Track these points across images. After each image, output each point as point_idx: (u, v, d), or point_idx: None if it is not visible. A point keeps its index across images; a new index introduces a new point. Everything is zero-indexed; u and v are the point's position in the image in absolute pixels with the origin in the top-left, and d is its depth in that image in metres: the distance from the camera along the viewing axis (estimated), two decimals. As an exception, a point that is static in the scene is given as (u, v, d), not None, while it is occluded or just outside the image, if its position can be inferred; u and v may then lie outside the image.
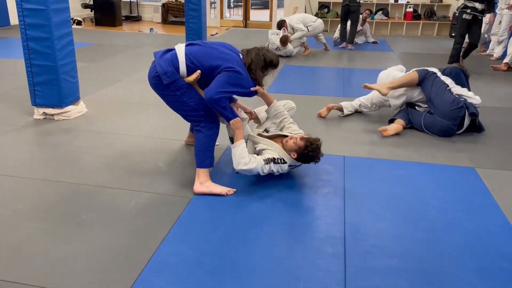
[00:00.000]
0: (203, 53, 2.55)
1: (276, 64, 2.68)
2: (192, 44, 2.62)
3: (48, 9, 3.43)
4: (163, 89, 2.57)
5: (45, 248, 2.03)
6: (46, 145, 3.28)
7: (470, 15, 6.03)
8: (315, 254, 2.05)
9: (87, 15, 11.08)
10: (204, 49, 2.58)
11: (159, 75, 2.52)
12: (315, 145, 2.56)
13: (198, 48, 2.57)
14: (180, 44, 2.63)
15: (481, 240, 2.19)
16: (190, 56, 2.52)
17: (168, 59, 2.53)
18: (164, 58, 2.55)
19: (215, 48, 2.59)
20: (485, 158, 3.21)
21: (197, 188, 2.56)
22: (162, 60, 2.54)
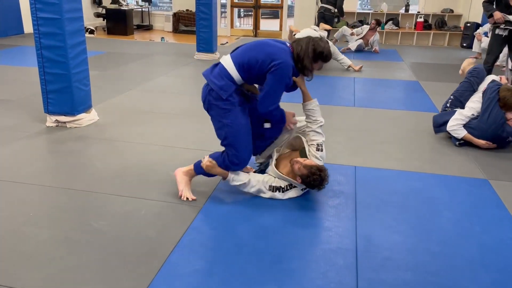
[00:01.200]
0: (247, 50, 2.45)
1: (328, 56, 2.46)
2: (236, 49, 2.55)
3: (62, 18, 3.48)
4: (214, 108, 2.47)
5: (57, 256, 2.03)
6: (58, 153, 3.31)
7: (506, 30, 5.05)
8: (327, 266, 2.03)
9: (99, 24, 11.23)
10: (247, 46, 2.49)
11: (215, 92, 2.42)
12: (317, 175, 2.45)
13: (240, 49, 2.50)
14: (225, 56, 2.54)
15: (496, 253, 2.15)
16: (236, 60, 2.43)
17: (218, 73, 2.45)
18: (214, 73, 2.47)
19: (259, 43, 2.47)
20: (498, 170, 3.16)
21: (179, 171, 2.65)
22: (213, 76, 2.46)
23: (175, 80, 5.90)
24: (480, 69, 3.90)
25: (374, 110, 4.65)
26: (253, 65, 2.38)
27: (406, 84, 6.03)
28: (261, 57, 2.37)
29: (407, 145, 3.62)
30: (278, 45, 2.44)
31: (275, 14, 12.25)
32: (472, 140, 3.50)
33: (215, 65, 2.53)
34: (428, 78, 6.38)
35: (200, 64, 6.97)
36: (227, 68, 2.43)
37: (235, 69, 2.41)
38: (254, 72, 2.40)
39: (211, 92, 2.45)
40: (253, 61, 2.38)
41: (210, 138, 3.62)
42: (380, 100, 5.10)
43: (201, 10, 7.04)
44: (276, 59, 2.34)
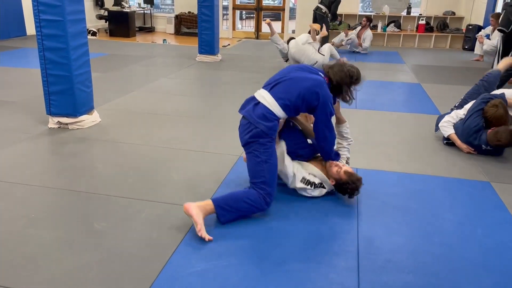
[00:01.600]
0: (287, 87, 2.42)
1: (360, 78, 2.57)
2: (274, 85, 2.46)
3: (65, 20, 3.49)
4: (259, 143, 2.37)
5: (59, 257, 2.04)
6: (60, 154, 3.31)
7: None
8: (329, 268, 2.02)
9: (101, 26, 11.25)
10: (286, 82, 2.45)
11: (259, 132, 2.35)
12: (354, 184, 2.55)
13: (283, 87, 2.43)
14: (260, 91, 2.48)
15: (498, 256, 2.15)
16: (278, 98, 2.39)
17: (263, 115, 2.37)
18: (258, 114, 2.38)
19: (296, 78, 2.46)
20: (500, 172, 3.16)
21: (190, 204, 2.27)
22: (258, 117, 2.37)
23: (177, 82, 5.91)
24: (493, 75, 3.92)
25: (375, 112, 4.65)
26: (300, 104, 2.41)
27: (408, 86, 6.03)
28: (306, 95, 2.39)
29: (409, 147, 3.62)
30: (314, 77, 2.46)
31: (277, 16, 12.26)
32: (455, 141, 3.52)
33: (255, 104, 2.44)
34: (430, 80, 6.38)
35: (202, 66, 6.98)
36: (272, 110, 2.38)
37: (281, 109, 2.39)
38: (301, 110, 2.46)
39: (255, 131, 2.36)
40: (299, 100, 2.39)
41: (211, 139, 3.63)
42: (382, 102, 5.10)
43: (203, 12, 7.06)
44: (319, 95, 2.39)
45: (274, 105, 2.39)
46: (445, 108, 4.36)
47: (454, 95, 4.64)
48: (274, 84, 2.47)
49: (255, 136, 2.37)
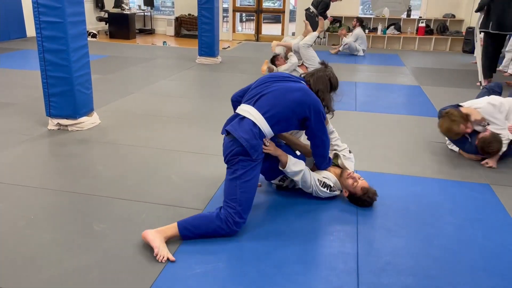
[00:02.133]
0: (272, 101, 2.29)
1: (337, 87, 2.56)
2: (257, 99, 2.33)
3: (65, 22, 3.49)
4: (243, 162, 2.23)
5: (58, 259, 2.03)
6: (60, 156, 3.31)
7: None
8: (328, 270, 2.02)
9: (101, 28, 11.27)
10: (273, 96, 2.31)
11: (241, 150, 2.21)
12: (371, 199, 2.57)
13: (267, 100, 2.30)
14: (243, 106, 2.35)
15: (498, 259, 2.14)
16: (265, 114, 2.26)
17: (249, 130, 2.22)
18: (244, 128, 2.23)
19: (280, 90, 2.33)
20: (500, 175, 3.15)
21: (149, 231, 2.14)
22: (242, 132, 2.22)
23: (177, 84, 5.91)
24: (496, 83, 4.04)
25: (375, 114, 4.65)
26: (290, 117, 2.31)
27: (408, 89, 6.03)
28: (294, 107, 2.29)
29: (409, 149, 3.62)
30: (299, 86, 2.38)
31: (277, 19, 12.29)
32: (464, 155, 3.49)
33: (239, 119, 2.29)
34: (430, 83, 6.38)
35: (202, 68, 6.98)
36: (258, 125, 2.24)
37: (267, 124, 2.26)
38: (290, 123, 2.34)
39: (237, 149, 2.23)
40: (288, 114, 2.29)
41: (211, 141, 3.63)
42: (382, 104, 5.10)
43: (203, 14, 7.07)
44: (309, 104, 2.32)
45: (260, 120, 2.25)
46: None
47: (454, 98, 4.64)
48: (258, 97, 2.33)
49: (237, 153, 2.22)
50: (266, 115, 2.26)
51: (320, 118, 2.37)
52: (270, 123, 2.27)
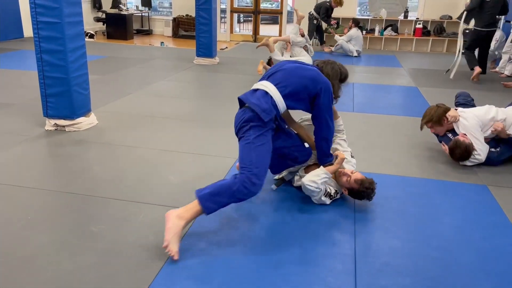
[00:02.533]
0: (287, 76, 2.39)
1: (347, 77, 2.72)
2: (271, 75, 2.44)
3: (63, 22, 3.48)
4: (254, 129, 2.26)
5: (56, 260, 2.03)
6: (57, 156, 3.30)
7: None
8: (325, 271, 2.02)
9: (99, 28, 11.25)
10: (283, 72, 2.42)
11: (254, 115, 2.26)
12: (370, 189, 2.54)
13: (281, 74, 2.41)
14: (258, 83, 2.43)
15: (495, 259, 2.15)
16: (279, 87, 2.35)
17: (261, 97, 2.31)
18: (256, 96, 2.33)
19: (295, 67, 2.46)
20: (497, 176, 3.16)
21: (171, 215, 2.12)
22: (255, 99, 2.31)
23: (174, 84, 5.91)
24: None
25: (373, 115, 4.66)
26: (301, 91, 2.38)
27: (405, 90, 6.05)
28: (307, 82, 2.38)
29: (406, 150, 3.63)
30: (314, 68, 2.50)
31: (274, 20, 12.30)
32: None
33: (253, 90, 2.41)
34: (427, 84, 6.39)
35: (200, 68, 6.98)
36: (272, 95, 2.33)
37: (281, 96, 2.34)
38: (301, 97, 2.39)
39: (248, 115, 2.29)
40: (300, 87, 2.37)
41: (209, 142, 3.63)
42: (379, 105, 5.11)
43: (201, 15, 7.07)
44: (321, 82, 2.41)
45: (273, 90, 2.34)
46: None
47: (451, 99, 4.62)
48: (271, 74, 2.46)
49: (249, 120, 2.28)
50: (278, 85, 2.35)
51: (330, 98, 2.45)
52: (282, 93, 2.34)
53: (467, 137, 3.30)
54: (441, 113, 3.46)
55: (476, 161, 3.27)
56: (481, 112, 3.42)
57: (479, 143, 3.27)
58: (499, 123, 3.32)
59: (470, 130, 3.32)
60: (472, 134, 3.30)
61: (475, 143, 3.26)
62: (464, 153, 3.24)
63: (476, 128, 3.33)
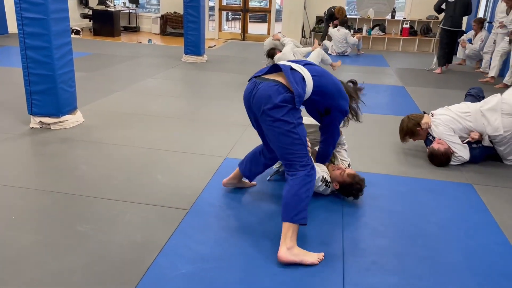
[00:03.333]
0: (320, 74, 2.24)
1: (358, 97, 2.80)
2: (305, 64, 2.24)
3: (48, 18, 3.43)
4: (280, 115, 2.05)
5: (41, 261, 1.99)
6: (42, 155, 3.25)
7: None
8: (313, 270, 2.02)
9: (85, 25, 11.11)
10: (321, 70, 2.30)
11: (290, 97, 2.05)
12: (359, 185, 2.58)
13: (319, 69, 2.28)
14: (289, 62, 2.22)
15: (481, 258, 2.18)
16: (316, 78, 2.18)
17: (299, 81, 2.10)
18: (295, 78, 2.09)
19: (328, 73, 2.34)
20: (482, 175, 3.21)
21: (284, 255, 2.01)
22: (296, 81, 2.07)
23: (162, 82, 5.87)
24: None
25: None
26: (327, 95, 2.25)
27: (392, 89, 6.09)
28: (336, 89, 2.31)
29: (393, 149, 3.66)
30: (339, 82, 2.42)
31: (263, 18, 12.29)
32: None
33: (291, 68, 2.15)
34: (414, 83, 6.45)
35: (188, 66, 6.94)
36: (306, 80, 2.13)
37: (312, 84, 2.16)
38: (323, 101, 2.27)
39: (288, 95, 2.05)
40: (329, 91, 2.25)
41: (197, 141, 3.61)
42: (367, 104, 5.12)
43: (189, 12, 7.02)
44: (343, 105, 2.39)
45: (309, 78, 2.14)
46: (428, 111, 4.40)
47: (437, 98, 4.70)
48: (307, 63, 2.26)
49: (287, 100, 2.04)
50: (314, 77, 2.18)
51: (342, 115, 2.45)
52: (314, 86, 2.16)
53: (443, 141, 3.33)
54: (412, 126, 3.49)
55: (459, 161, 3.32)
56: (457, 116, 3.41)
57: (457, 145, 3.31)
58: (474, 134, 3.35)
59: (442, 136, 3.35)
60: (446, 139, 3.33)
61: (453, 146, 3.30)
62: (442, 160, 3.29)
63: (447, 133, 3.35)
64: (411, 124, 3.50)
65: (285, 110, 2.04)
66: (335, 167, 2.68)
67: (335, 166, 2.70)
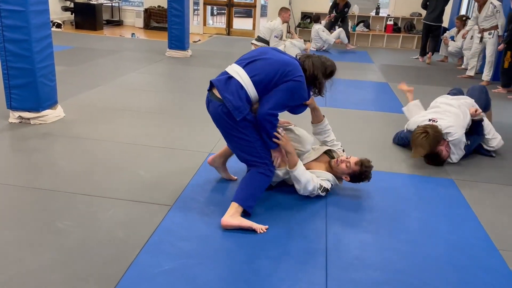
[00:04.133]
0: (264, 66, 2.31)
1: (334, 71, 2.52)
2: (249, 63, 2.34)
3: (27, 10, 3.35)
4: (231, 127, 2.31)
5: (20, 258, 1.95)
6: (21, 150, 3.18)
7: None
8: (297, 265, 2.03)
9: (67, 18, 10.90)
10: (262, 61, 2.33)
11: (228, 111, 2.25)
12: (368, 168, 2.62)
13: (259, 64, 2.32)
14: (233, 66, 2.35)
15: (462, 253, 2.21)
16: (253, 76, 2.28)
17: (235, 91, 2.25)
18: (230, 90, 2.26)
19: (274, 58, 2.35)
20: (463, 170, 3.25)
21: (225, 219, 2.26)
22: (229, 93, 2.25)
23: (145, 77, 5.80)
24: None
25: (344, 110, 4.70)
26: (271, 79, 2.28)
27: (376, 86, 6.14)
28: (280, 70, 2.28)
29: (376, 145, 3.68)
30: (294, 61, 2.38)
31: (248, 13, 12.24)
32: None
33: (228, 77, 2.31)
34: (397, 79, 6.49)
35: (172, 61, 6.87)
36: (245, 87, 2.26)
37: (253, 87, 2.27)
38: (270, 87, 2.29)
39: (223, 108, 2.27)
40: (271, 75, 2.28)
41: (180, 136, 3.58)
42: (351, 100, 5.17)
43: (173, 6, 6.95)
44: (295, 74, 2.31)
45: (249, 84, 2.26)
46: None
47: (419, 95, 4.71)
48: (250, 61, 2.34)
49: (225, 115, 2.27)
50: (253, 76, 2.27)
51: (291, 90, 2.29)
52: (256, 85, 2.27)
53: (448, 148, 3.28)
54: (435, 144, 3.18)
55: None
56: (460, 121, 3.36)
57: (461, 153, 3.33)
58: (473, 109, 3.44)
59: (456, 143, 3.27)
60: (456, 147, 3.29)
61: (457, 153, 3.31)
62: (439, 163, 3.29)
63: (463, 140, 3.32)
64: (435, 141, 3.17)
65: (233, 126, 2.30)
66: (339, 161, 2.66)
67: (337, 160, 2.67)
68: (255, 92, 2.28)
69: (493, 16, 6.39)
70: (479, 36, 6.64)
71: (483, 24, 6.53)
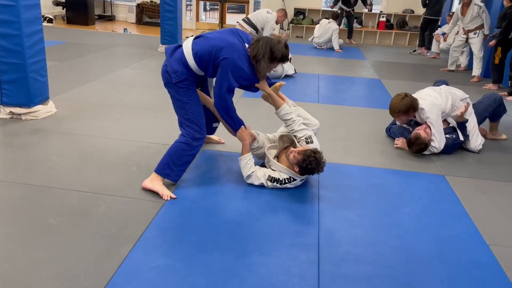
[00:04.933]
0: (205, 43, 2.51)
1: (284, 57, 2.53)
2: (197, 37, 2.59)
3: (18, 5, 3.32)
4: (171, 87, 2.58)
5: (11, 254, 1.94)
6: (12, 146, 3.16)
7: None
8: (289, 260, 2.04)
9: (58, 13, 10.79)
10: (208, 40, 2.53)
11: (169, 74, 2.53)
12: (312, 157, 2.50)
13: (202, 40, 2.54)
14: (189, 39, 2.59)
15: (453, 248, 2.23)
16: (195, 48, 2.49)
17: (178, 57, 2.53)
18: (174, 57, 2.55)
19: (220, 36, 2.54)
20: (454, 166, 3.28)
21: (145, 182, 2.58)
22: (173, 59, 2.54)
23: (138, 72, 5.77)
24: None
25: (337, 107, 4.72)
26: (206, 57, 2.47)
27: (369, 82, 6.16)
28: (211, 50, 2.46)
29: (369, 141, 3.70)
30: (233, 41, 2.49)
31: (241, 9, 12.20)
32: None
33: (177, 46, 2.60)
34: (389, 76, 6.54)
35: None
36: (186, 56, 2.50)
37: (192, 57, 2.48)
38: (209, 65, 2.49)
39: (166, 68, 2.56)
40: (205, 50, 2.47)
41: (172, 132, 3.57)
42: (343, 97, 5.19)
43: (166, 2, 6.91)
44: (221, 55, 2.44)
45: (188, 54, 2.48)
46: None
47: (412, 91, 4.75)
48: (199, 36, 2.58)
49: (169, 79, 2.53)
50: (193, 50, 2.49)
51: (223, 72, 2.45)
52: (195, 56, 2.48)
53: (428, 130, 3.39)
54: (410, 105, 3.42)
55: (432, 151, 3.41)
56: (439, 101, 3.48)
57: (439, 135, 3.38)
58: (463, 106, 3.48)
59: (432, 121, 3.39)
60: (435, 128, 3.38)
61: (434, 136, 3.37)
62: (422, 149, 3.37)
63: (439, 121, 3.43)
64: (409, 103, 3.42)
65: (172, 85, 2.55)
66: (289, 153, 2.62)
67: (288, 152, 2.64)
68: (193, 62, 2.49)
69: (478, 17, 6.47)
70: (464, 37, 6.74)
71: (468, 26, 6.60)
